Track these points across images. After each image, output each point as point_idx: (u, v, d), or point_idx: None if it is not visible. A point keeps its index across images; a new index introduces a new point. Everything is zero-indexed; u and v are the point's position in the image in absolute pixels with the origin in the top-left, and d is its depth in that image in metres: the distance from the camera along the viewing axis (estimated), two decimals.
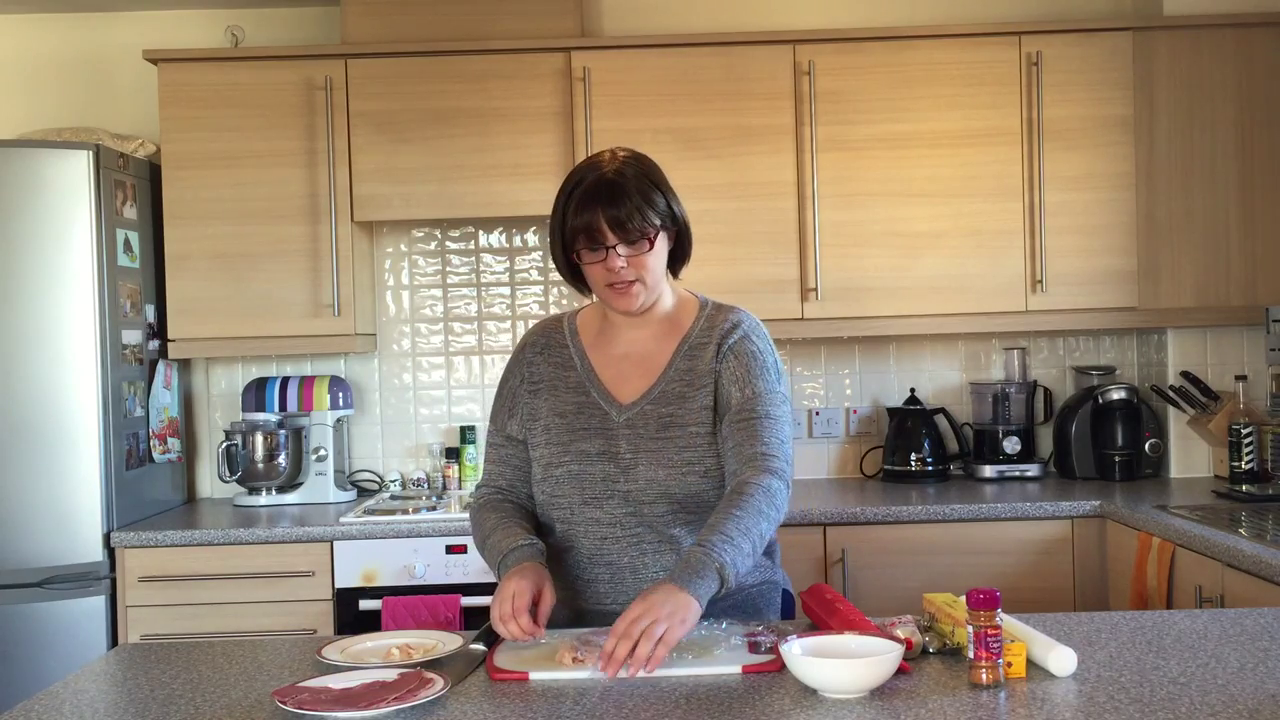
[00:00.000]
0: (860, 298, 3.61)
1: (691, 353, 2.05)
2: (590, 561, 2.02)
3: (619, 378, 2.06)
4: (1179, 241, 3.62)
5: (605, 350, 2.09)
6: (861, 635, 1.73)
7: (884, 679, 1.60)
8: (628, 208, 1.92)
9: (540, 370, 2.10)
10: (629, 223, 1.92)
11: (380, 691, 1.61)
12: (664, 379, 2.04)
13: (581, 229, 1.94)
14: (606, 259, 1.95)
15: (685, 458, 1.99)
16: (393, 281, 4.03)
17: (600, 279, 1.99)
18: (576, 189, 1.96)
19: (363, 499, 3.80)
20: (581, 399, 2.05)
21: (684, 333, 2.07)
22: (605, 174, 1.95)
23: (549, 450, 2.04)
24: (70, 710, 1.65)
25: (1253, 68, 3.61)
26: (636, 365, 2.06)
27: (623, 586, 2.01)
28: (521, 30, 3.66)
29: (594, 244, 1.95)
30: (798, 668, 1.62)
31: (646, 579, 1.99)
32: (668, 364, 2.05)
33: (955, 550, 3.29)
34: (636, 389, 2.04)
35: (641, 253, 1.96)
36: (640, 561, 2.00)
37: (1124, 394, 3.73)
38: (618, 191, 1.93)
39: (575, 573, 2.04)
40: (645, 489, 1.98)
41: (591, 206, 1.93)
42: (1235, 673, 1.65)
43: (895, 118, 3.61)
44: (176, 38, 3.95)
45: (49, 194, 3.31)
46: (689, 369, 2.04)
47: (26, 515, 3.28)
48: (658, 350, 2.07)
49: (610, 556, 2.01)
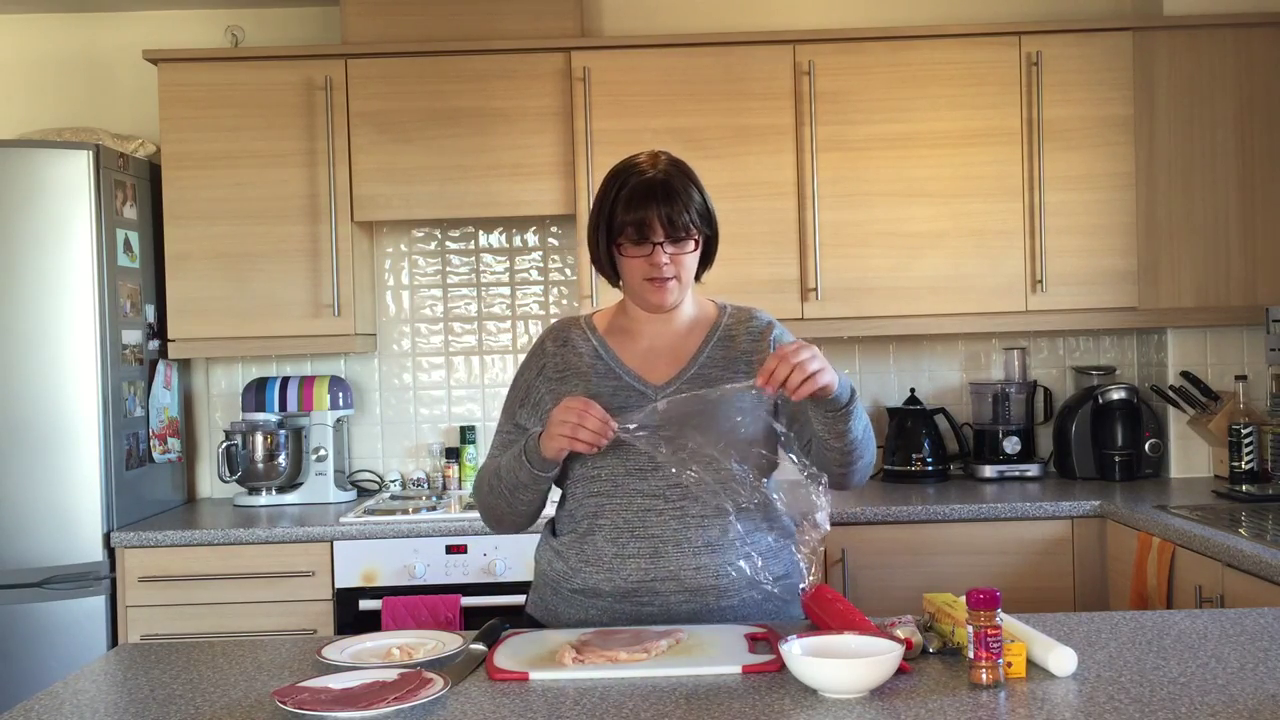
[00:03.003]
0: (860, 298, 3.61)
1: (723, 343, 2.12)
2: (632, 535, 2.02)
3: (646, 365, 2.11)
4: (1179, 241, 3.62)
5: (627, 345, 2.14)
6: (861, 635, 1.73)
7: (884, 679, 1.60)
8: (679, 206, 2.01)
9: (564, 358, 2.14)
10: (679, 220, 2.01)
11: (380, 691, 1.61)
12: (696, 363, 2.10)
13: (632, 223, 2.01)
14: (652, 254, 2.02)
15: None
16: (393, 281, 4.03)
17: (640, 273, 2.05)
18: (626, 187, 2.03)
19: (363, 499, 3.80)
20: (615, 383, 2.09)
21: (709, 327, 2.14)
22: (659, 173, 2.03)
23: None
24: (70, 710, 1.65)
25: (1253, 68, 3.61)
26: (664, 354, 2.12)
27: (665, 560, 2.01)
28: (521, 30, 3.66)
29: (641, 239, 2.02)
30: (798, 668, 1.62)
31: (689, 552, 2.00)
32: (698, 351, 2.11)
33: (955, 550, 3.29)
34: (667, 373, 2.10)
35: (684, 252, 2.04)
36: (684, 535, 2.01)
37: (1124, 394, 3.73)
38: (671, 191, 2.02)
39: (615, 549, 2.03)
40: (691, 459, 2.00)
41: (645, 204, 2.01)
42: (1235, 673, 1.65)
43: (895, 118, 3.61)
44: (176, 38, 3.95)
45: (49, 194, 3.31)
46: (723, 356, 2.11)
47: (26, 515, 3.28)
48: (685, 341, 2.13)
49: (653, 529, 2.02)
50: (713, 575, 2.00)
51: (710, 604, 2.01)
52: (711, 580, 2.01)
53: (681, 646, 1.82)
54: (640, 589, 2.01)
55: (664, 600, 2.01)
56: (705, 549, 2.01)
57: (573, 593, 2.07)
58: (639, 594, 2.01)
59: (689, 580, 2.00)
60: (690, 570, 2.00)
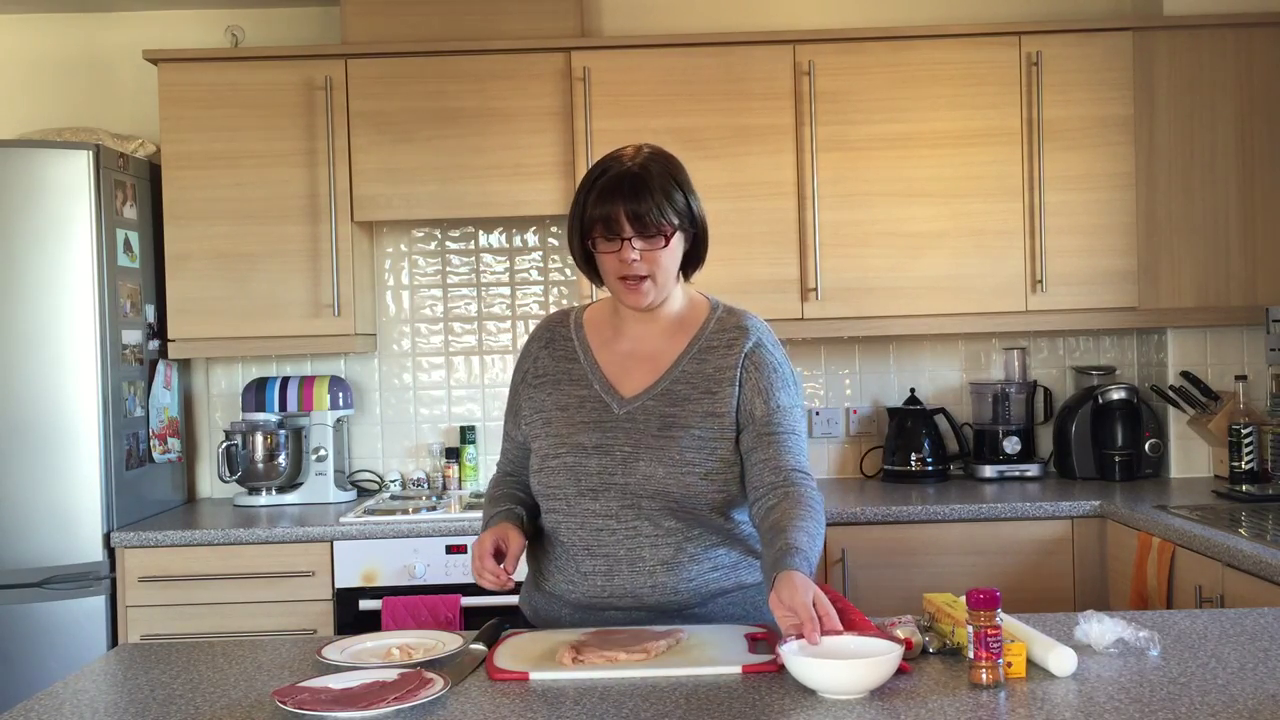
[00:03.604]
0: (860, 298, 3.61)
1: (701, 355, 2.06)
2: (587, 553, 2.02)
3: (622, 372, 2.07)
4: (1179, 241, 3.62)
5: (611, 345, 2.11)
6: (861, 635, 1.73)
7: (884, 679, 1.60)
8: (648, 202, 1.95)
9: (544, 364, 2.13)
10: (646, 217, 1.95)
11: (380, 691, 1.61)
12: (668, 377, 2.05)
13: (600, 219, 1.97)
14: (621, 250, 1.98)
15: (686, 458, 1.99)
16: (393, 281, 4.03)
17: (613, 270, 2.01)
18: (600, 179, 1.99)
19: (363, 499, 3.80)
20: (584, 393, 2.07)
21: (693, 334, 2.08)
22: (630, 167, 1.98)
23: (548, 442, 2.05)
24: (70, 710, 1.65)
25: (1253, 68, 3.61)
26: (642, 361, 2.08)
27: (619, 578, 2.00)
28: (521, 30, 3.66)
29: (610, 235, 1.98)
30: (796, 668, 1.62)
31: (643, 571, 2.00)
32: (674, 363, 2.06)
33: (955, 550, 3.29)
34: (639, 384, 2.05)
35: (656, 248, 1.98)
36: (637, 554, 2.00)
37: (1124, 394, 3.73)
38: (640, 185, 1.96)
39: (573, 565, 2.04)
40: (643, 484, 1.99)
41: (612, 198, 1.96)
42: (1235, 673, 1.65)
43: (895, 118, 3.61)
44: (176, 38, 3.95)
45: (49, 194, 3.31)
46: (697, 371, 2.05)
47: (26, 515, 3.28)
48: (666, 348, 2.08)
49: (606, 549, 2.01)
50: (670, 592, 1.99)
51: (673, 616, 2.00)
52: (670, 597, 2.00)
53: (681, 646, 1.82)
54: (599, 603, 2.02)
55: (626, 614, 2.01)
56: (661, 567, 1.99)
57: (547, 593, 2.10)
58: (599, 607, 2.02)
59: (647, 598, 1.99)
60: (647, 589, 1.99)
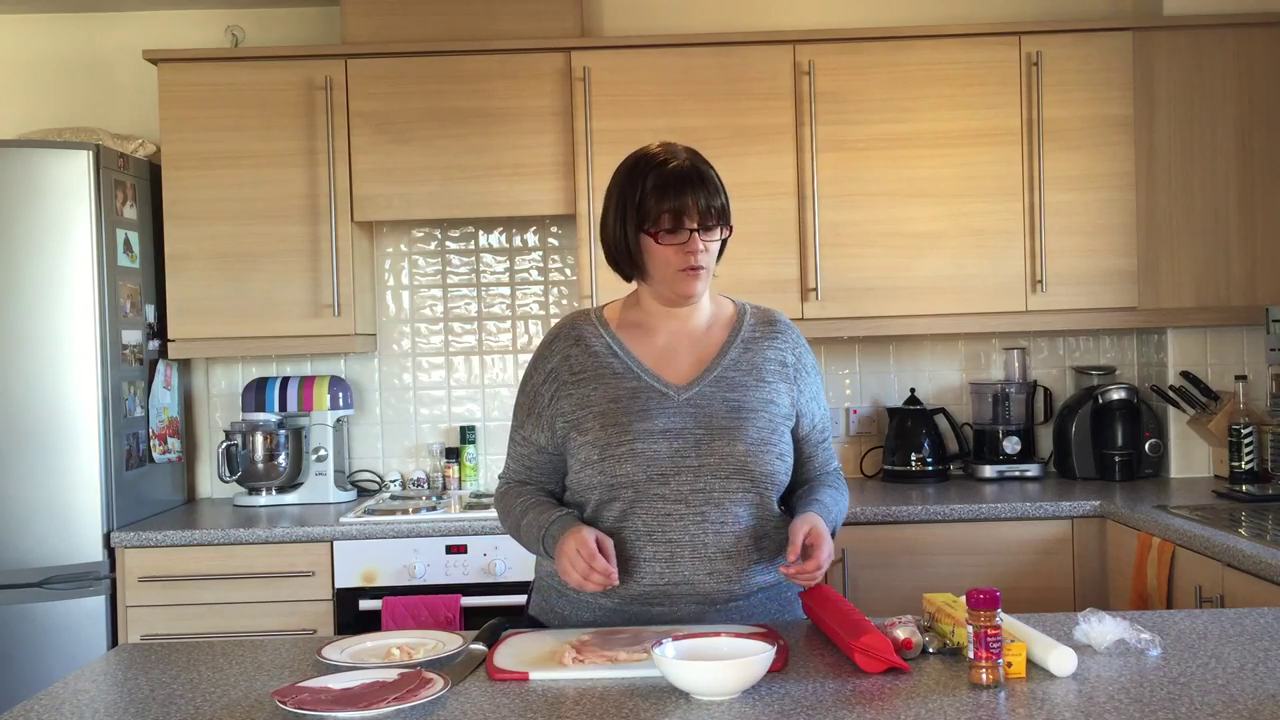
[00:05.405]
0: (860, 298, 3.61)
1: (746, 346, 2.11)
2: (649, 540, 2.00)
3: (665, 364, 2.08)
4: (1179, 241, 3.62)
5: (644, 340, 2.11)
6: (736, 638, 1.73)
7: (753, 680, 1.60)
8: (718, 196, 2.04)
9: (579, 360, 2.09)
10: (714, 206, 2.02)
11: (380, 691, 1.61)
12: (719, 365, 2.08)
13: (669, 211, 2.00)
14: (689, 242, 2.01)
15: (762, 437, 2.03)
16: (393, 281, 4.03)
17: (675, 262, 2.02)
18: (654, 172, 2.03)
19: (363, 499, 3.80)
20: (634, 384, 2.06)
21: (732, 326, 2.13)
22: (688, 161, 2.05)
23: (607, 433, 2.02)
24: (70, 710, 1.65)
25: (1253, 68, 3.61)
26: (683, 354, 2.09)
27: (680, 564, 1.99)
28: (521, 30, 3.66)
29: (677, 227, 2.01)
30: (667, 670, 1.61)
31: (704, 557, 1.99)
32: (721, 352, 2.09)
33: (955, 550, 3.29)
34: (689, 372, 2.07)
35: (714, 239, 2.05)
36: (700, 539, 1.99)
37: (1124, 394, 3.73)
38: (706, 179, 2.03)
39: (631, 552, 2.01)
40: (720, 464, 2.00)
41: (682, 191, 2.01)
42: (1235, 673, 1.66)
43: (895, 118, 3.61)
44: (176, 38, 3.95)
45: (49, 194, 3.31)
46: (746, 361, 2.09)
47: (26, 515, 3.28)
48: (708, 338, 2.11)
49: (671, 534, 2.00)
50: (725, 580, 2.00)
51: (720, 606, 2.01)
52: (724, 585, 2.00)
53: None
54: (653, 593, 2.00)
55: (675, 603, 2.00)
56: (721, 555, 2.00)
57: (573, 598, 2.07)
58: (651, 597, 2.00)
59: (703, 585, 1.99)
60: (704, 576, 1.99)
